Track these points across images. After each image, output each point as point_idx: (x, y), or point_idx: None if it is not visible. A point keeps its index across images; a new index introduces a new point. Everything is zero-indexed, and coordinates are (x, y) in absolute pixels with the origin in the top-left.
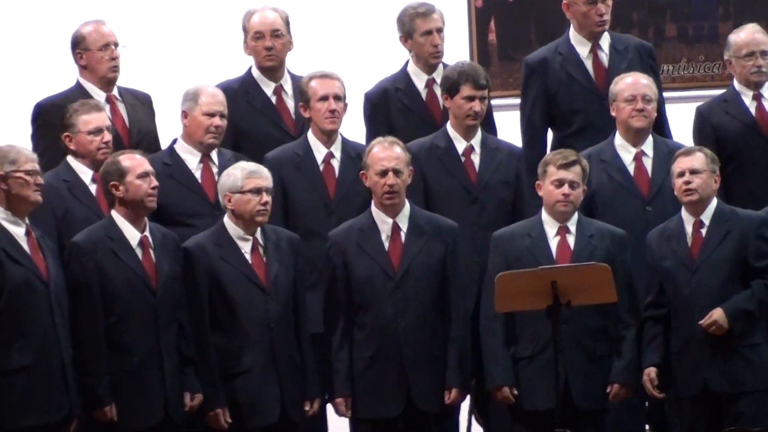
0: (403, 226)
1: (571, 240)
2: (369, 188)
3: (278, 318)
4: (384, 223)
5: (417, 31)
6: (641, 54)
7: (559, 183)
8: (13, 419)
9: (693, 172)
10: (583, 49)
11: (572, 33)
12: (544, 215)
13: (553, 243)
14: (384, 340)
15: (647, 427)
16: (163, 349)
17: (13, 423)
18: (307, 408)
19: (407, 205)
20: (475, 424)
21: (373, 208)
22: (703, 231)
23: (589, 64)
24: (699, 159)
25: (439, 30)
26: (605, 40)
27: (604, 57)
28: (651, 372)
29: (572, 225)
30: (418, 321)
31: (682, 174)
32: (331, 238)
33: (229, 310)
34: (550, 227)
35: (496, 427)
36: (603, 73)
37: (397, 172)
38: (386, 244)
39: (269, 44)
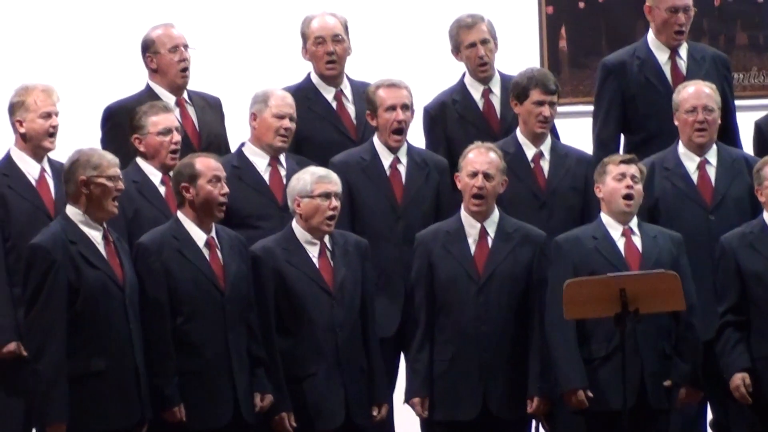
0: (491, 231)
1: (637, 241)
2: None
3: (344, 322)
4: (472, 227)
5: (462, 43)
6: (717, 64)
7: (622, 176)
8: (87, 424)
9: None
10: (662, 55)
11: (651, 38)
12: (605, 217)
13: (620, 244)
14: (464, 344)
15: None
16: (232, 348)
17: (87, 428)
18: (374, 413)
19: (496, 211)
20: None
21: (462, 212)
22: None
23: (667, 70)
24: None
25: (484, 41)
26: (683, 48)
27: (683, 64)
28: (745, 378)
29: (634, 226)
30: (499, 326)
31: None
32: (418, 239)
33: (295, 313)
34: (614, 229)
35: None
36: (681, 80)
37: (487, 176)
38: (473, 248)
39: (331, 49)
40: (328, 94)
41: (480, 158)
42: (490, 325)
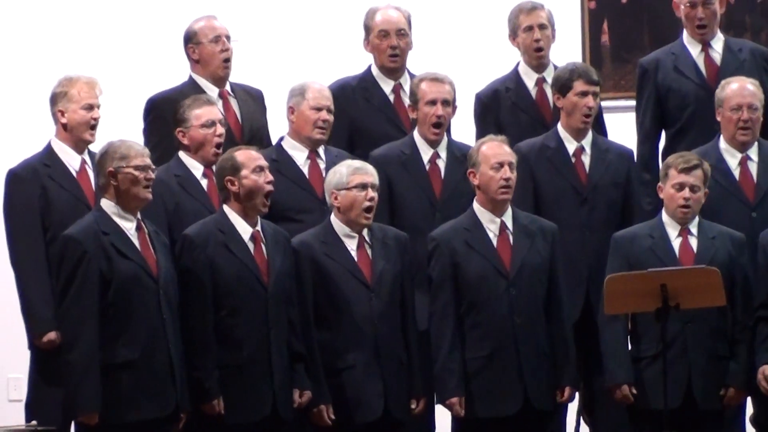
0: (509, 225)
1: (693, 242)
2: (474, 188)
3: (382, 315)
4: (491, 222)
5: (520, 27)
6: (756, 56)
7: (680, 186)
8: (119, 414)
9: None
10: (694, 49)
11: (685, 34)
12: (665, 217)
13: (676, 244)
14: (500, 339)
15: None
16: (273, 344)
17: (120, 417)
18: (413, 406)
19: (509, 206)
20: (582, 424)
21: (477, 208)
22: None
23: (701, 62)
24: None
25: (542, 26)
26: (719, 41)
27: (717, 56)
28: (765, 370)
29: (693, 227)
30: (531, 318)
31: None
32: (436, 239)
33: (333, 306)
34: (672, 229)
35: (602, 427)
36: (715, 71)
37: (511, 167)
38: (495, 243)
39: (395, 43)
40: (387, 86)
41: (501, 150)
42: (524, 318)
